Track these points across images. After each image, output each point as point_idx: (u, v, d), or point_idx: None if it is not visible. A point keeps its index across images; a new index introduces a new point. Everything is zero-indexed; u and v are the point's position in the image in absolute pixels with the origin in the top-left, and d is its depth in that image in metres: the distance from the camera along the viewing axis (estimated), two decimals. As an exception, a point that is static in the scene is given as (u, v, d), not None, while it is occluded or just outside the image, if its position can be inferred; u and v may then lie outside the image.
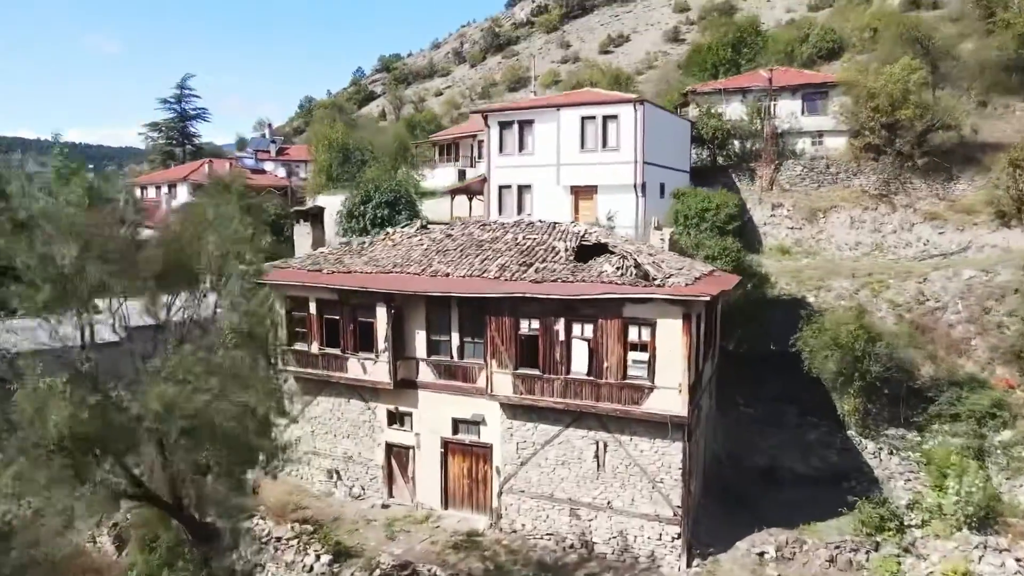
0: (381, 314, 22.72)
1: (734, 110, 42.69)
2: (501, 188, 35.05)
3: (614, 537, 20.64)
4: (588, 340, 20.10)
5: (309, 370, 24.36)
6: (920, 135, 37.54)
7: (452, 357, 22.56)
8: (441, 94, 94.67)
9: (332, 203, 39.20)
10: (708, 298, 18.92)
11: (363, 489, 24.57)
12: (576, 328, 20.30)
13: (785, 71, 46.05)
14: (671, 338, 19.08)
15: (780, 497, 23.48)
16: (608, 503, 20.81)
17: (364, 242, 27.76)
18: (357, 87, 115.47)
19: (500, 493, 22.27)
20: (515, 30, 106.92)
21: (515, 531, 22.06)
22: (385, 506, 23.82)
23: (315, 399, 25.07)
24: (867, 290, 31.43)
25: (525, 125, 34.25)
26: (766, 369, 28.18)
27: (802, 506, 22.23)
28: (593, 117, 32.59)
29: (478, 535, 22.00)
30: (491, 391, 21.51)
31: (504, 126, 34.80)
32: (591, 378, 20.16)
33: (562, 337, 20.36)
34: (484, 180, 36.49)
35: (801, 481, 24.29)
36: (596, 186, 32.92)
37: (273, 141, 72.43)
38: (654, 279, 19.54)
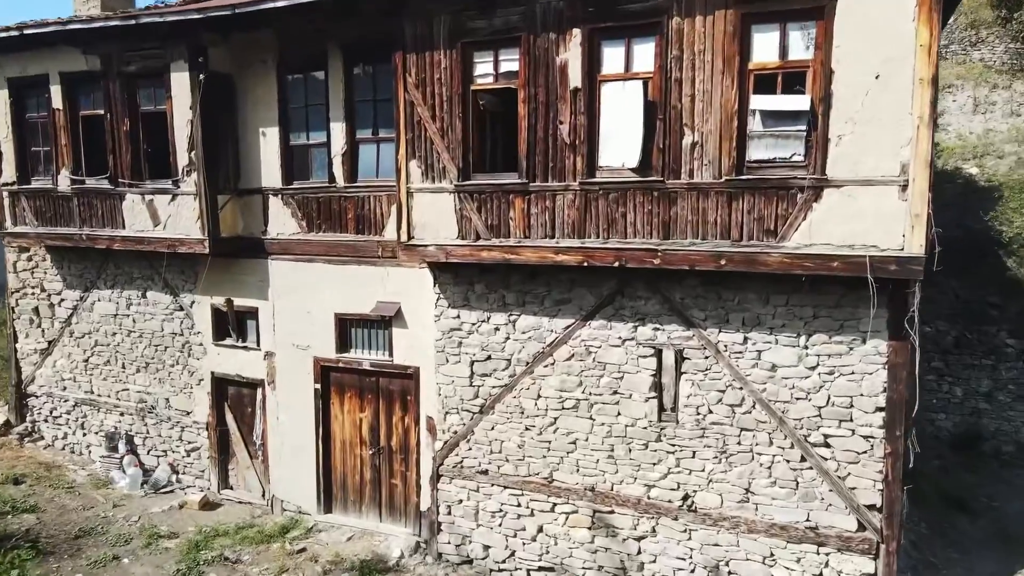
0: (180, 87, 10.46)
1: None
2: None
3: (701, 581, 8.49)
4: (646, 78, 7.85)
5: (59, 229, 12.10)
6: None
7: (334, 181, 10.33)
8: None
9: None
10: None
11: (174, 471, 12.35)
12: (613, 53, 8.05)
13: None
14: (873, 42, 6.88)
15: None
16: (685, 499, 8.62)
17: None
18: None
19: (436, 476, 10.08)
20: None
21: (468, 561, 9.90)
22: (210, 506, 11.61)
23: (88, 295, 12.86)
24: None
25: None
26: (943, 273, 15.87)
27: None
28: None
29: (388, 572, 9.85)
30: (411, 239, 9.26)
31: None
32: (650, 180, 7.94)
33: (577, 81, 8.10)
34: None
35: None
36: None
37: None
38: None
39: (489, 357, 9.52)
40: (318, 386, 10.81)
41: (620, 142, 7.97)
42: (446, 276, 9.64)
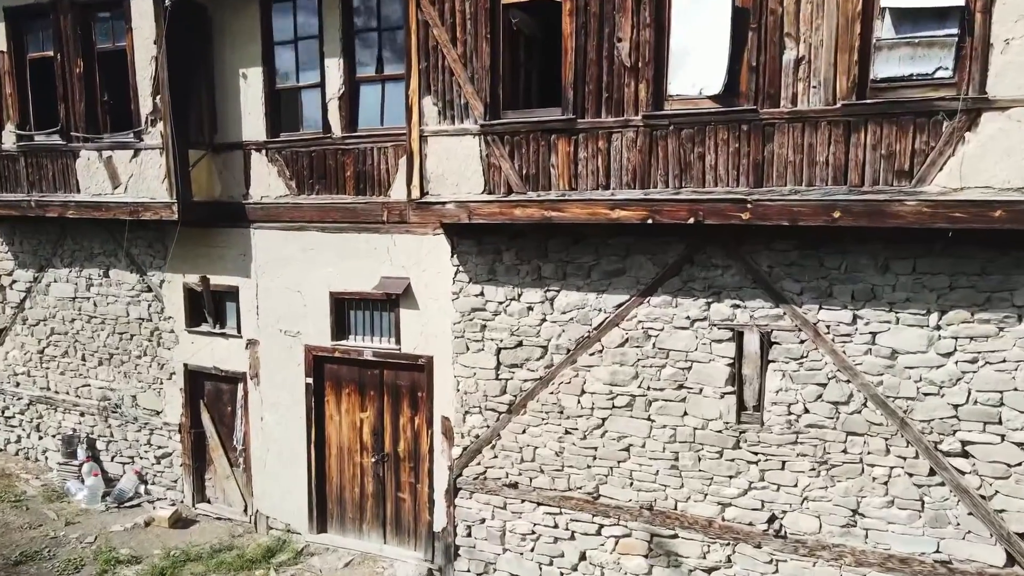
0: (142, 16, 8.62)
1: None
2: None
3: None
4: (733, -25, 6.04)
5: (4, 195, 10.24)
6: None
7: (329, 131, 8.49)
8: None
9: None
10: None
11: (141, 481, 10.51)
12: (689, -57, 6.24)
13: None
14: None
15: None
16: (771, 521, 6.79)
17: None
18: None
19: (454, 490, 8.25)
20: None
21: (492, 594, 8.11)
22: (183, 523, 9.77)
23: (43, 275, 11.02)
24: None
25: None
26: None
27: None
28: None
29: (393, 605, 8.06)
30: (424, 195, 7.41)
31: None
32: (738, 109, 6.12)
33: (642, -14, 6.29)
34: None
35: None
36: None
37: None
38: None
39: (520, 344, 7.70)
40: (310, 380, 8.98)
41: (698, 62, 6.15)
42: (467, 243, 7.82)
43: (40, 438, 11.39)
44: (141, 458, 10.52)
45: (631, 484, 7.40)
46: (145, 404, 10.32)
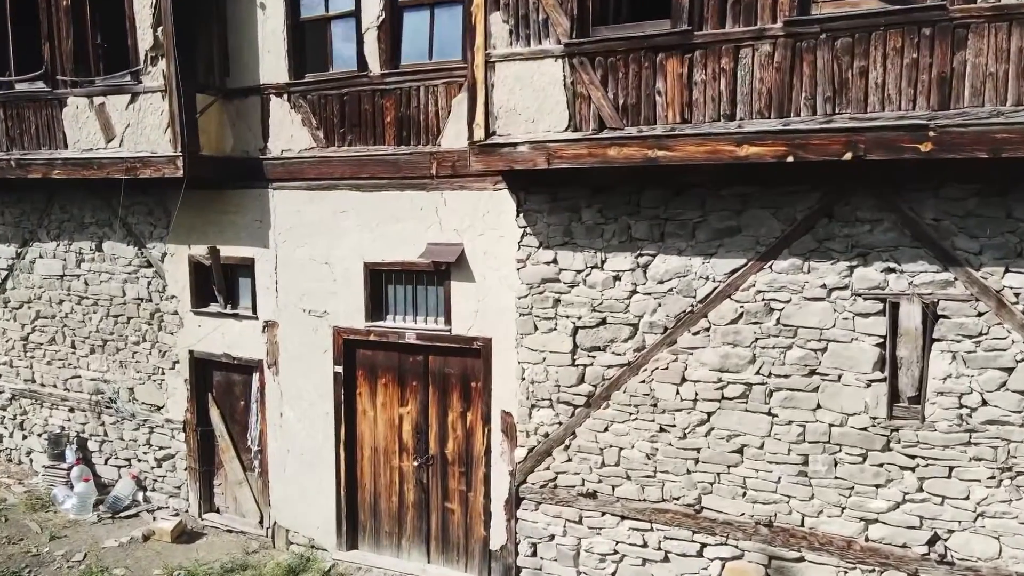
0: (141, -67, 7.23)
1: None
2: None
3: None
4: None
5: (-20, 155, 8.83)
6: None
7: (366, 69, 7.07)
8: None
9: None
10: None
11: (139, 487, 9.08)
12: None
13: None
14: None
15: None
16: (932, 543, 5.36)
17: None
18: None
19: (516, 500, 6.81)
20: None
21: (565, 628, 6.66)
22: (187, 536, 8.35)
23: (27, 251, 9.60)
24: None
25: None
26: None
27: None
28: None
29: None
30: (490, 136, 5.97)
31: None
32: (917, 6, 4.69)
33: None
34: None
35: None
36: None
37: None
38: None
39: (603, 321, 6.28)
40: (339, 369, 7.55)
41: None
42: (537, 199, 6.40)
43: (24, 437, 9.96)
44: (139, 460, 9.08)
45: (744, 494, 5.98)
46: (144, 398, 8.88)
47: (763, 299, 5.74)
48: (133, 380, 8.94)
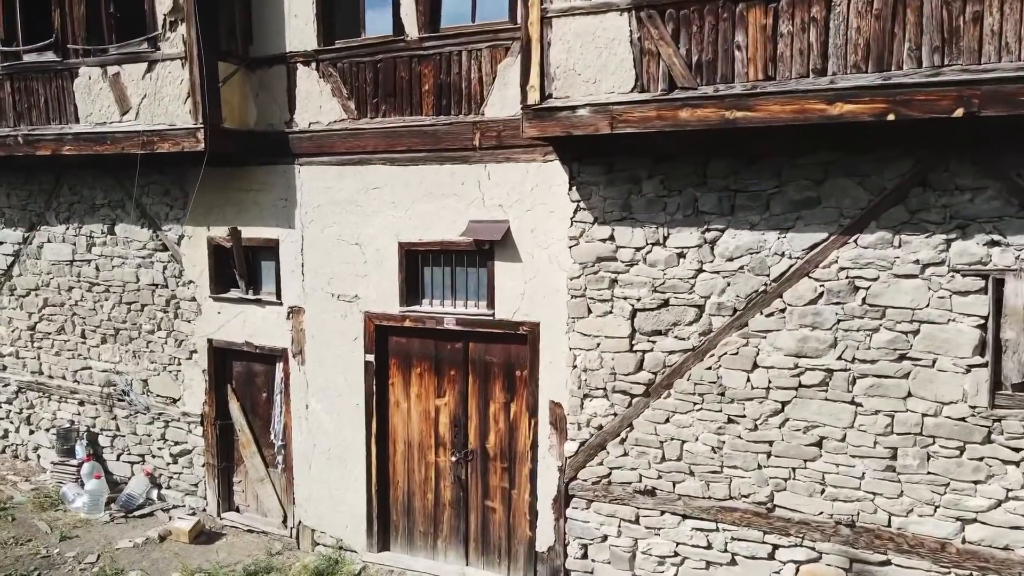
0: None
1: None
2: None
3: None
4: None
5: (-15, 132, 8.31)
6: None
7: (402, 33, 6.56)
8: None
9: None
10: None
11: (154, 485, 8.58)
12: None
13: None
14: None
15: None
16: (1042, 544, 4.84)
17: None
18: None
19: (565, 497, 6.29)
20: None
21: (620, 637, 6.14)
22: (206, 536, 7.84)
23: (34, 235, 9.09)
24: None
25: None
26: None
27: None
28: None
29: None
30: (546, 98, 5.45)
31: None
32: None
33: None
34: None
35: None
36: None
37: None
38: None
39: (665, 303, 5.77)
40: (371, 357, 7.04)
41: None
42: (592, 170, 5.89)
43: (31, 432, 9.45)
44: (154, 456, 8.58)
45: (822, 491, 5.46)
46: (159, 390, 8.38)
47: (847, 277, 5.22)
48: (147, 371, 8.43)
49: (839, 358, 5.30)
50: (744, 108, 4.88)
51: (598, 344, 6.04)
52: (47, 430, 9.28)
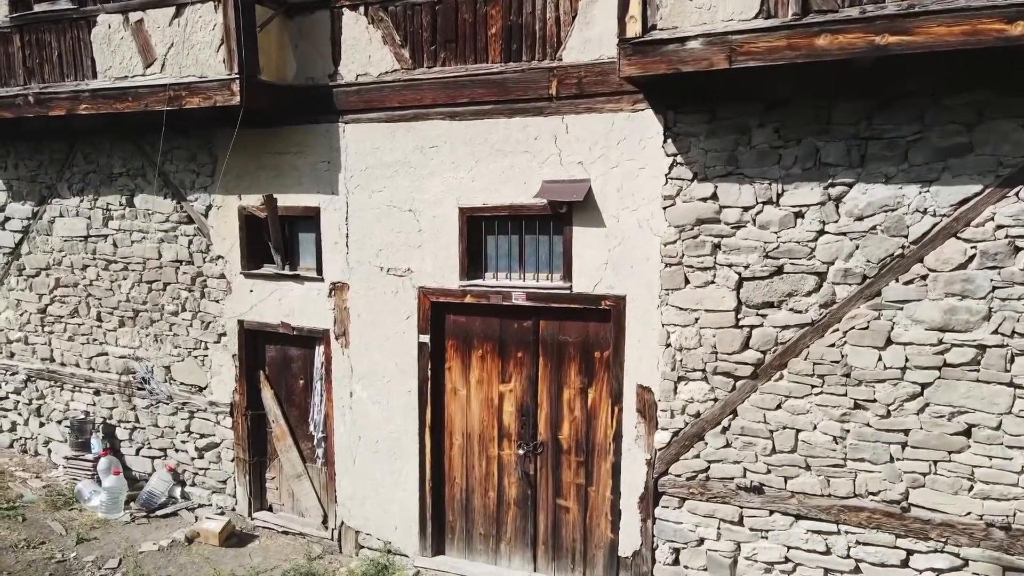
0: None
1: None
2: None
3: None
4: None
5: (-8, 91, 7.53)
6: None
7: (463, -30, 5.78)
8: None
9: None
10: None
11: (178, 482, 7.81)
12: None
13: None
14: None
15: None
16: None
17: None
18: None
19: (654, 495, 5.51)
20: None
21: (720, 654, 5.36)
22: (237, 539, 7.07)
23: (45, 209, 8.33)
24: None
25: None
26: None
27: None
28: None
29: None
30: (649, 30, 4.66)
31: None
32: None
33: None
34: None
35: None
36: None
37: None
38: None
39: (779, 271, 4.99)
40: (425, 338, 6.27)
41: None
42: (691, 119, 5.12)
43: (41, 425, 8.69)
44: (177, 451, 7.81)
45: (970, 488, 4.69)
46: (183, 377, 7.61)
47: (1006, 236, 4.44)
48: (170, 357, 7.66)
49: (995, 332, 4.52)
50: (899, 31, 4.09)
51: (696, 319, 5.26)
52: (59, 422, 8.52)
